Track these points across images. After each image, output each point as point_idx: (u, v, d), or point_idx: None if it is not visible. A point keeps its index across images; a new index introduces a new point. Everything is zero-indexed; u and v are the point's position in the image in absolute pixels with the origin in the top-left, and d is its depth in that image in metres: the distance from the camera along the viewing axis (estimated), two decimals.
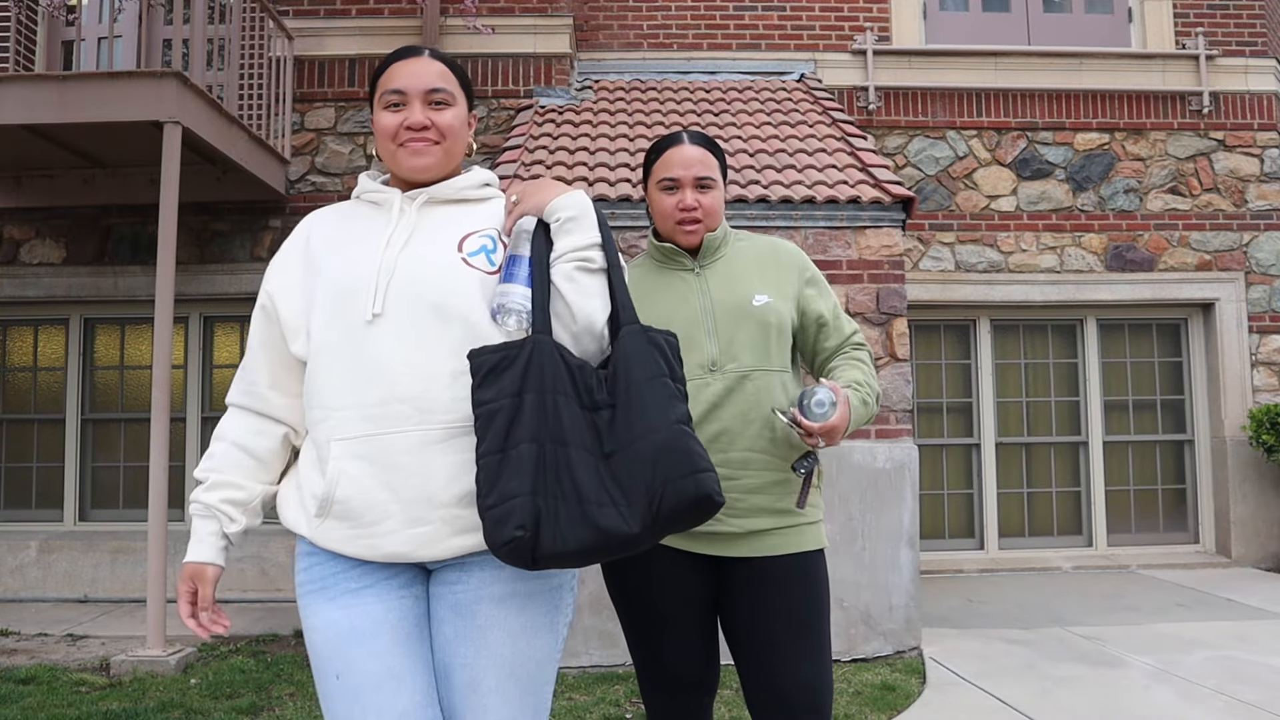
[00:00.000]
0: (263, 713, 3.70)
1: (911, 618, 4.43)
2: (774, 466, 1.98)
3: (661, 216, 2.09)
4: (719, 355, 2.00)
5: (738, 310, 2.02)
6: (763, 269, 2.11)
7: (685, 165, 2.06)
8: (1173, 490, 6.85)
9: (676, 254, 2.10)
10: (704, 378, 1.99)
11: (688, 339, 1.99)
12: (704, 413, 1.97)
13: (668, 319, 2.02)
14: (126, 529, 6.06)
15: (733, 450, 1.96)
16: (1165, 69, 6.89)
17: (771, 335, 2.02)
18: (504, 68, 6.34)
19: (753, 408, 1.98)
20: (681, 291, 2.07)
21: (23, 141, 5.29)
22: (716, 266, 2.10)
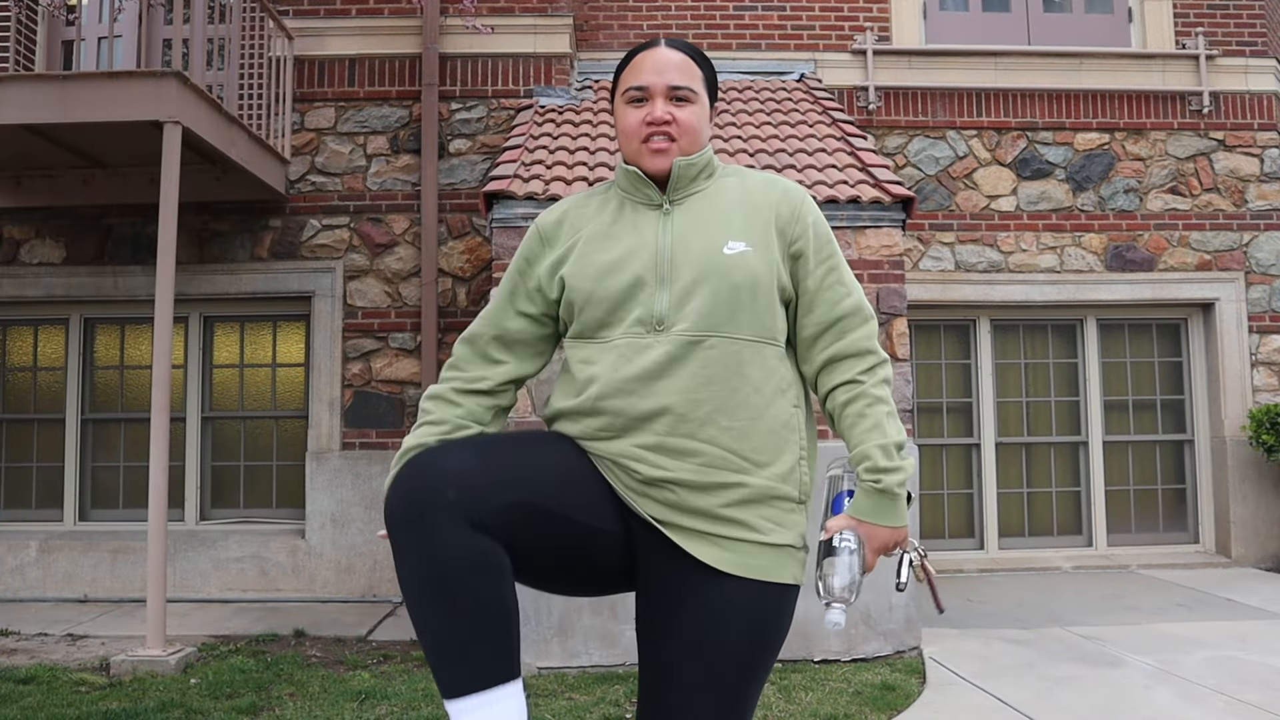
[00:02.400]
0: (263, 713, 3.70)
1: (911, 618, 4.43)
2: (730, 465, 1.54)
3: (626, 135, 1.66)
4: (668, 311, 1.57)
5: (702, 258, 1.59)
6: (748, 209, 1.66)
7: (658, 70, 1.64)
8: (1173, 490, 6.85)
9: (642, 182, 1.66)
10: (644, 337, 1.56)
11: (632, 287, 1.58)
12: (637, 381, 1.54)
13: (613, 265, 1.60)
14: (126, 529, 6.06)
15: (671, 436, 1.53)
16: (1165, 69, 6.89)
17: (742, 296, 1.57)
18: (504, 68, 6.34)
19: (704, 384, 1.54)
20: (640, 233, 1.64)
21: (23, 141, 5.29)
22: (691, 203, 1.66)
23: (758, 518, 1.53)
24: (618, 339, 1.58)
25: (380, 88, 6.30)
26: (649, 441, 1.53)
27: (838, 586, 1.49)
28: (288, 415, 6.27)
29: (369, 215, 6.20)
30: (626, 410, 1.54)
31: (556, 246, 1.69)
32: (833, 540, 1.53)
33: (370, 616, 5.42)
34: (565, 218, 1.72)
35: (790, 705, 3.71)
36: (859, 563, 1.51)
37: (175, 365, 6.20)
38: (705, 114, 1.69)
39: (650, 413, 1.53)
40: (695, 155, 1.67)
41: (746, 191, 1.68)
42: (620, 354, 1.56)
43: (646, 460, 1.52)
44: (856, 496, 1.55)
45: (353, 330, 6.10)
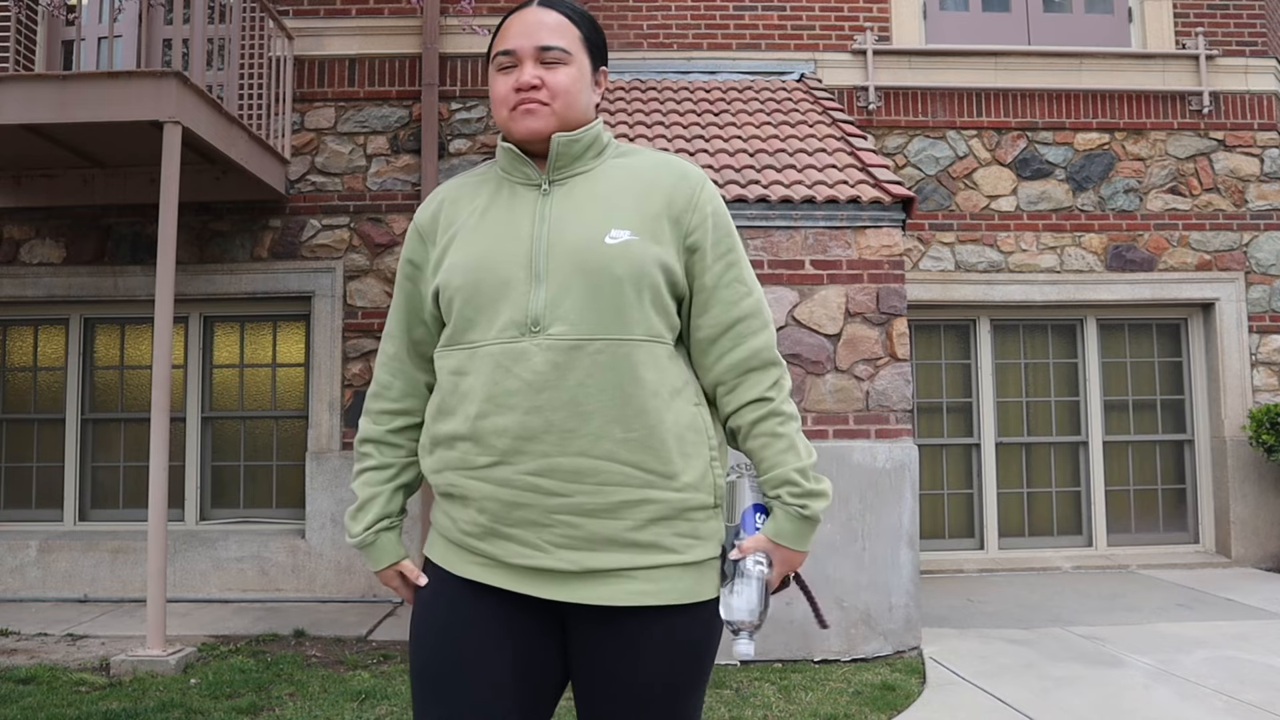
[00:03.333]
0: (263, 713, 3.70)
1: (911, 617, 4.43)
2: (632, 480, 1.40)
3: (496, 103, 1.50)
4: (543, 311, 1.41)
5: (579, 248, 1.42)
6: (636, 194, 1.49)
7: (526, 32, 1.48)
8: (1173, 490, 6.85)
9: (520, 160, 1.50)
10: (519, 342, 1.40)
11: (503, 283, 1.42)
12: (517, 396, 1.39)
13: (481, 256, 1.45)
14: (126, 529, 6.06)
15: (563, 455, 1.38)
16: (1165, 69, 6.89)
17: (626, 291, 1.41)
18: None
19: (594, 394, 1.38)
20: (515, 218, 1.48)
21: (23, 141, 5.29)
22: (574, 185, 1.49)
23: (673, 536, 1.42)
24: (489, 344, 1.41)
25: (380, 88, 6.30)
26: (536, 466, 1.38)
27: (746, 611, 1.41)
28: (288, 415, 6.27)
29: (369, 215, 6.20)
30: (510, 429, 1.38)
31: (436, 241, 1.53)
32: (746, 563, 1.43)
33: (370, 616, 5.42)
34: (441, 208, 1.55)
35: (790, 705, 3.71)
36: (766, 587, 1.44)
37: (175, 365, 6.21)
38: (584, 78, 1.51)
39: (537, 430, 1.38)
40: (580, 130, 1.50)
41: (637, 173, 1.51)
42: (496, 363, 1.40)
43: (538, 488, 1.39)
44: (779, 520, 1.45)
45: (353, 330, 6.10)
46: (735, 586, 1.43)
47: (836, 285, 4.63)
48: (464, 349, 1.45)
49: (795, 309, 4.60)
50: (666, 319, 1.47)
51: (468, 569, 1.45)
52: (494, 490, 1.41)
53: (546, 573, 1.41)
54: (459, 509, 1.46)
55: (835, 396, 4.57)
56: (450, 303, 1.46)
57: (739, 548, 1.45)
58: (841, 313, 4.62)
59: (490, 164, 1.59)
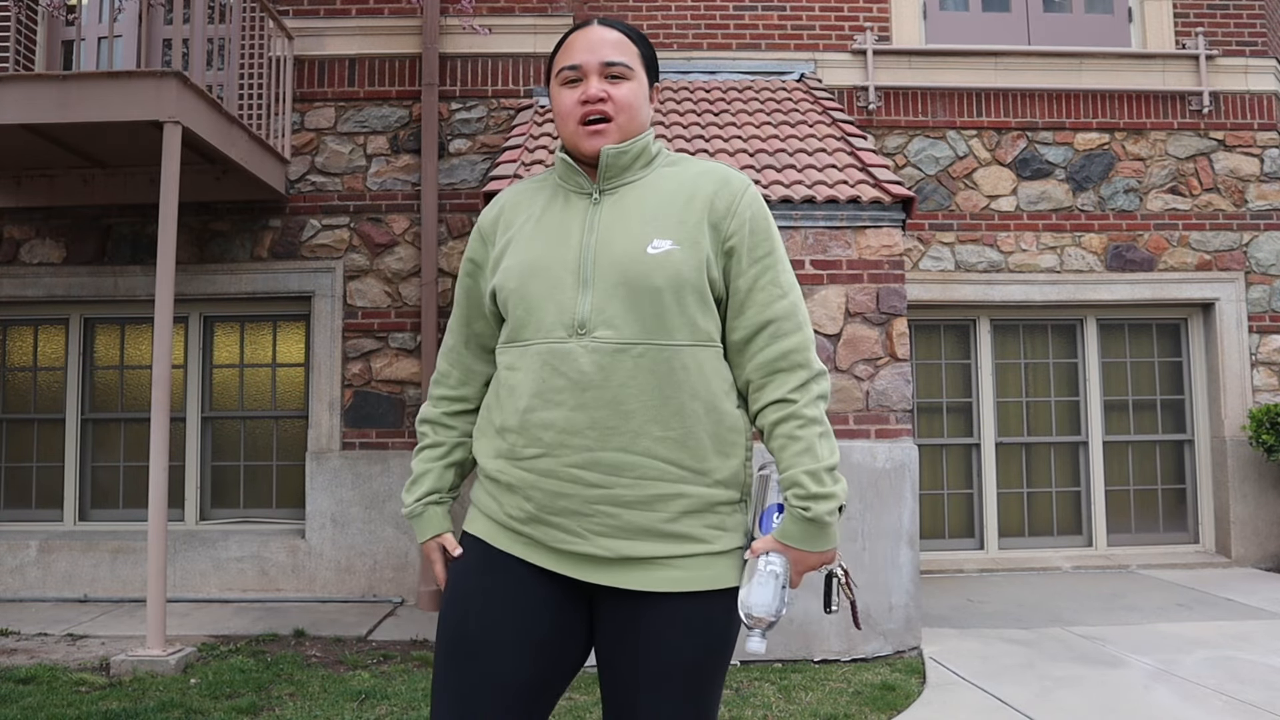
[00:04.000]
0: (263, 713, 3.70)
1: (911, 617, 4.43)
2: (667, 476, 1.49)
3: (561, 117, 1.58)
4: (589, 315, 1.49)
5: (623, 257, 1.51)
6: (680, 202, 1.56)
7: (591, 48, 1.57)
8: (1173, 490, 6.85)
9: (575, 171, 1.59)
10: (566, 343, 1.49)
11: (552, 286, 1.51)
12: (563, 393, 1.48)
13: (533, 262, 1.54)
14: (126, 529, 6.06)
15: (604, 450, 1.47)
16: (1165, 69, 6.89)
17: (666, 299, 1.49)
18: (504, 67, 6.34)
19: (635, 394, 1.47)
20: (567, 225, 1.56)
21: (23, 141, 5.29)
22: (623, 194, 1.58)
23: (703, 527, 1.51)
24: (537, 343, 1.51)
25: (380, 88, 6.30)
26: (579, 459, 1.48)
27: (758, 610, 1.46)
28: (288, 415, 6.27)
29: (369, 215, 6.20)
30: (556, 423, 1.48)
31: (495, 243, 1.64)
32: (757, 562, 1.48)
33: (370, 616, 5.42)
34: (501, 213, 1.66)
35: (790, 705, 3.72)
36: (783, 588, 1.47)
37: (175, 365, 6.21)
38: (644, 92, 1.61)
39: (581, 425, 1.47)
40: (629, 142, 1.58)
41: (682, 182, 1.58)
42: (544, 362, 1.50)
43: (580, 480, 1.48)
44: (786, 521, 1.49)
45: (353, 330, 6.10)
46: (753, 583, 1.47)
47: (836, 285, 4.63)
48: (517, 347, 1.55)
49: None
50: (711, 322, 1.54)
51: (511, 546, 1.55)
52: (539, 480, 1.51)
53: (585, 557, 1.50)
54: (506, 495, 1.56)
55: (835, 396, 4.57)
56: (505, 303, 1.56)
57: (752, 548, 1.51)
58: (841, 313, 4.62)
59: (550, 171, 1.68)
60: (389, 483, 5.96)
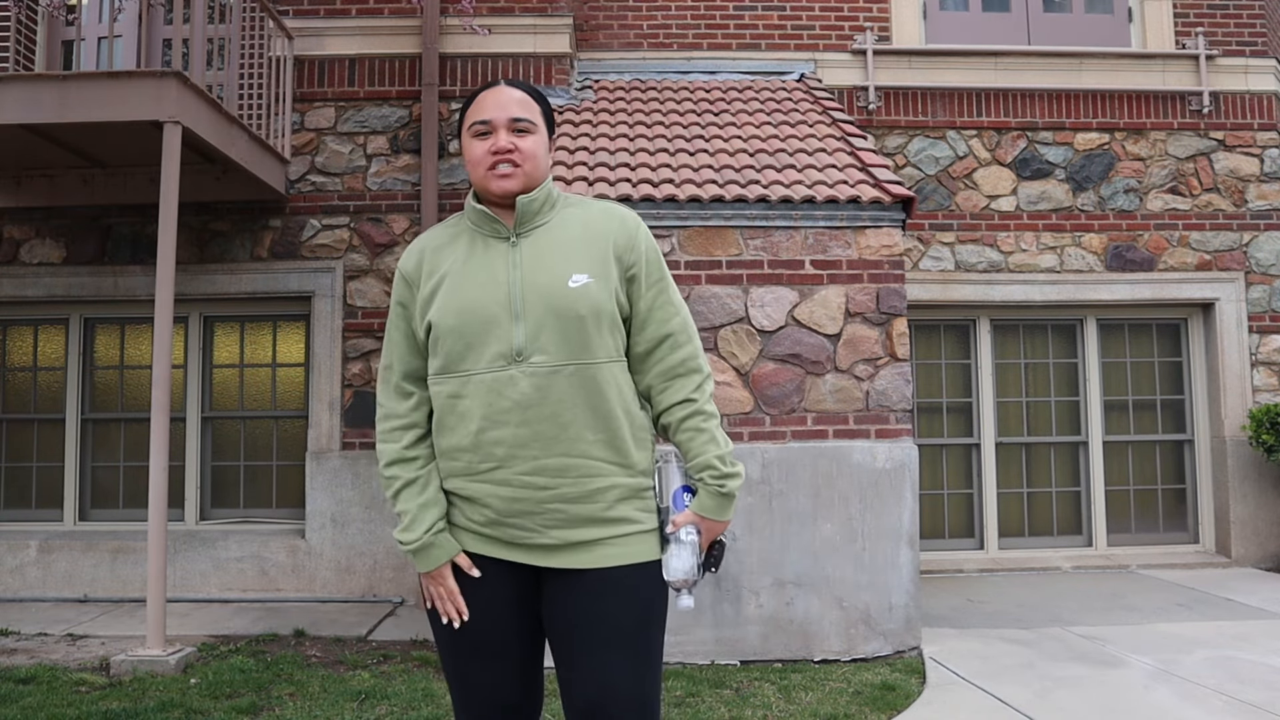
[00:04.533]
0: (263, 713, 3.70)
1: (911, 617, 4.43)
2: (598, 471, 1.76)
3: (473, 164, 1.82)
4: (525, 344, 1.74)
5: (548, 293, 1.75)
6: (588, 240, 1.83)
7: (500, 105, 1.81)
8: (1172, 490, 6.85)
9: (490, 219, 1.82)
10: (507, 370, 1.73)
11: (489, 323, 1.74)
12: (509, 413, 1.72)
13: (469, 302, 1.75)
14: (126, 529, 6.06)
15: (549, 457, 1.73)
16: (1165, 69, 6.89)
17: (588, 325, 1.75)
18: (504, 67, 6.34)
19: (569, 407, 1.73)
20: (491, 265, 1.79)
21: (23, 141, 5.29)
22: (536, 236, 1.82)
23: (635, 510, 1.79)
24: (480, 373, 1.74)
25: (380, 88, 6.30)
26: (528, 467, 1.73)
27: (683, 572, 1.75)
28: (288, 415, 6.27)
29: (369, 215, 6.20)
30: (506, 440, 1.73)
31: (420, 286, 1.83)
32: (680, 534, 1.77)
33: (370, 616, 5.42)
34: (423, 258, 1.85)
35: (790, 705, 3.72)
36: (698, 552, 1.78)
37: (175, 365, 6.21)
38: (545, 143, 1.85)
39: (527, 439, 1.72)
40: (536, 191, 1.83)
41: (586, 222, 1.85)
42: (489, 388, 1.73)
43: (531, 485, 1.73)
44: (701, 497, 1.80)
45: (353, 330, 6.10)
46: (672, 552, 1.77)
47: (836, 285, 4.63)
48: (458, 377, 1.76)
49: (795, 309, 4.61)
50: (619, 340, 1.82)
51: (477, 546, 1.80)
52: (495, 489, 1.75)
53: (539, 547, 1.76)
54: (466, 505, 1.80)
55: (835, 396, 4.57)
56: (442, 338, 1.76)
57: (674, 522, 1.79)
58: (841, 313, 4.62)
59: (459, 216, 1.90)
60: None
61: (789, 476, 4.46)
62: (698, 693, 3.88)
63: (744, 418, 4.54)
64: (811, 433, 4.54)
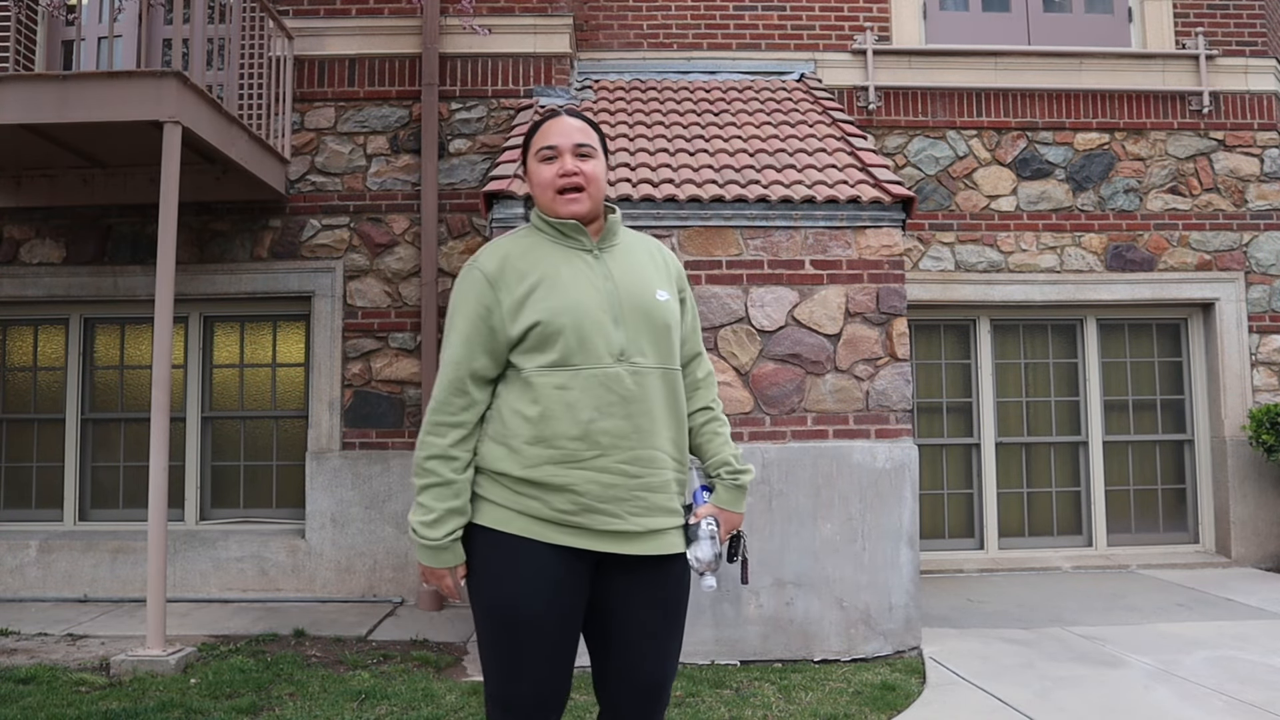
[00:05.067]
0: (263, 713, 3.70)
1: (911, 617, 4.43)
2: (671, 465, 1.98)
3: (541, 187, 1.99)
4: (625, 345, 1.92)
5: (643, 303, 1.97)
6: (655, 264, 2.07)
7: (564, 133, 2.00)
8: (1172, 490, 6.85)
9: (578, 230, 1.99)
10: (615, 367, 1.90)
11: (597, 323, 1.90)
12: (615, 406, 1.89)
13: (577, 303, 1.90)
14: (126, 529, 6.06)
15: (642, 448, 1.91)
16: (1165, 69, 6.89)
17: (673, 335, 2.00)
18: (504, 67, 6.34)
19: (657, 405, 1.94)
20: (585, 273, 1.96)
21: (23, 141, 5.29)
22: (615, 253, 2.03)
23: (680, 504, 2.02)
24: (588, 367, 1.89)
25: (380, 88, 6.30)
26: (626, 456, 1.90)
27: (707, 558, 1.98)
28: (288, 415, 6.27)
29: (369, 215, 6.20)
30: (611, 430, 1.89)
31: (510, 289, 1.94)
32: (700, 524, 2.01)
33: (370, 616, 5.42)
34: (506, 262, 1.97)
35: (790, 705, 3.71)
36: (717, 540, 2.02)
37: (175, 365, 6.21)
38: (604, 167, 2.04)
39: (628, 431, 1.90)
40: (615, 215, 2.06)
41: (647, 248, 2.10)
42: (600, 382, 1.89)
43: (625, 473, 1.89)
44: (719, 491, 2.08)
45: (353, 330, 6.10)
46: (697, 542, 2.00)
47: (836, 285, 4.63)
48: (568, 370, 1.89)
49: (795, 309, 4.61)
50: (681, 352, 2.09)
51: (553, 537, 1.89)
52: (596, 476, 1.89)
53: (621, 534, 1.91)
54: (553, 495, 1.89)
55: (835, 396, 4.57)
56: (554, 336, 1.89)
57: (695, 513, 2.05)
58: (841, 313, 4.62)
59: (528, 230, 2.05)
60: (389, 483, 5.96)
61: (789, 476, 4.46)
62: (698, 692, 3.88)
63: (744, 418, 4.53)
64: (811, 433, 4.54)
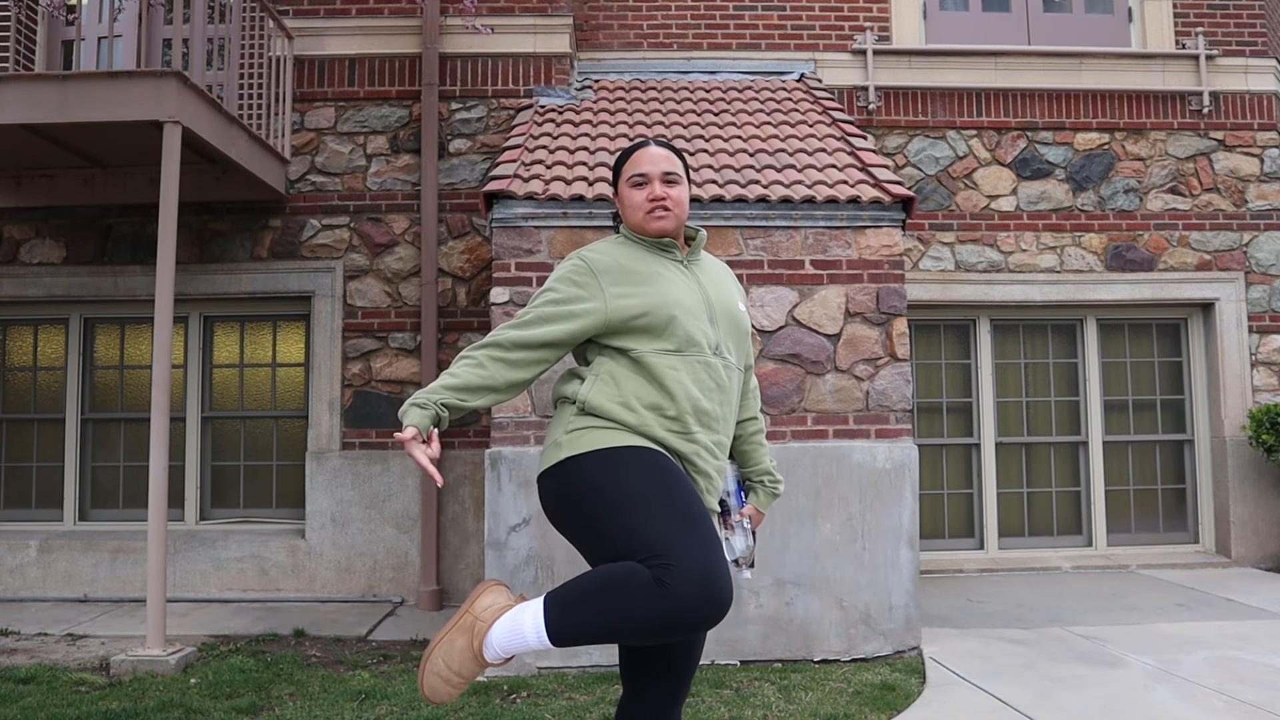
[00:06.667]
0: (263, 713, 3.70)
1: (911, 617, 4.43)
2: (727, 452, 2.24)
3: (633, 208, 2.21)
4: (719, 342, 2.16)
5: (729, 310, 2.22)
6: (732, 283, 2.33)
7: (653, 162, 2.22)
8: (1172, 490, 6.85)
9: (672, 245, 2.22)
10: (710, 358, 2.13)
11: (699, 319, 2.14)
12: (714, 392, 2.12)
13: (677, 299, 2.12)
14: (126, 529, 6.06)
15: (723, 433, 2.16)
16: (1165, 69, 6.89)
17: (747, 342, 2.28)
18: (504, 67, 6.34)
19: (734, 398, 2.20)
20: (681, 278, 2.19)
21: (23, 141, 5.29)
22: (699, 267, 2.27)
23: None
24: (694, 356, 2.10)
25: (380, 88, 6.30)
26: (713, 438, 2.13)
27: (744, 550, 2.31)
28: (288, 415, 6.27)
29: (369, 215, 6.20)
30: (708, 412, 2.11)
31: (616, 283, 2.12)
32: (744, 522, 2.35)
33: (370, 616, 5.42)
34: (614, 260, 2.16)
35: (790, 705, 3.71)
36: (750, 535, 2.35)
37: (175, 365, 6.21)
38: (688, 192, 2.27)
39: (717, 415, 2.13)
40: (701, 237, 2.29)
41: (723, 268, 2.35)
42: (705, 369, 2.11)
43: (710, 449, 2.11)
44: (759, 495, 2.41)
45: (353, 330, 6.10)
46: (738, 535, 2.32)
47: (836, 285, 4.63)
48: (677, 354, 2.10)
49: (795, 309, 4.60)
50: None
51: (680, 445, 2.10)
52: (684, 444, 2.08)
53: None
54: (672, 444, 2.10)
55: (835, 396, 4.57)
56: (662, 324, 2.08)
57: (741, 513, 2.37)
58: (841, 313, 4.62)
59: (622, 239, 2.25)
60: (389, 482, 5.96)
61: (789, 476, 4.46)
62: (698, 693, 3.88)
63: None
64: (811, 433, 4.54)
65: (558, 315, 2.11)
